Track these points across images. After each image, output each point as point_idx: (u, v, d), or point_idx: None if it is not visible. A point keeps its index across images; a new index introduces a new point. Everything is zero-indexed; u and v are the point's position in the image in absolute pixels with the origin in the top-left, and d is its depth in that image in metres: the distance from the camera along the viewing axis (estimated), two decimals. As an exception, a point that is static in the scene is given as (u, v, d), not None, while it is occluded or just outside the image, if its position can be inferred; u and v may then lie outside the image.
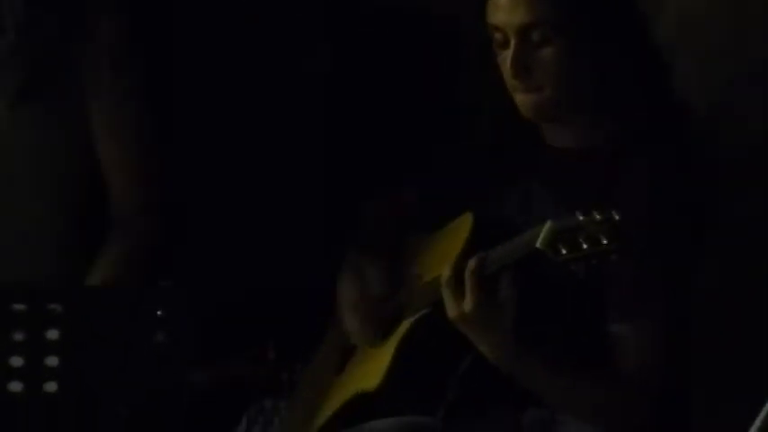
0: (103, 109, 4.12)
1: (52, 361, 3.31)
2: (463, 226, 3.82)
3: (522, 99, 3.75)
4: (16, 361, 3.30)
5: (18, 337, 3.30)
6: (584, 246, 3.40)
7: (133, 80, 4.15)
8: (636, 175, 3.72)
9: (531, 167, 3.86)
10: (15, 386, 3.30)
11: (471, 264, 3.56)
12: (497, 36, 3.74)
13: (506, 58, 3.74)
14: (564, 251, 3.42)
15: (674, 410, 3.76)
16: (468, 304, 3.56)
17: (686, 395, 3.81)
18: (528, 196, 3.83)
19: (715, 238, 3.83)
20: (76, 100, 4.13)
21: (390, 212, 4.11)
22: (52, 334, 3.30)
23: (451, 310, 3.58)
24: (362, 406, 3.83)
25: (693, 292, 3.77)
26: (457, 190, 3.96)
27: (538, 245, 3.44)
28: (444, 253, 3.80)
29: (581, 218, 3.40)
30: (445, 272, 3.61)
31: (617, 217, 3.38)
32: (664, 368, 3.67)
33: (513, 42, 3.72)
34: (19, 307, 3.32)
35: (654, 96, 3.83)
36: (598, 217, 3.39)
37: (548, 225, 3.45)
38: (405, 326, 3.79)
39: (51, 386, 3.31)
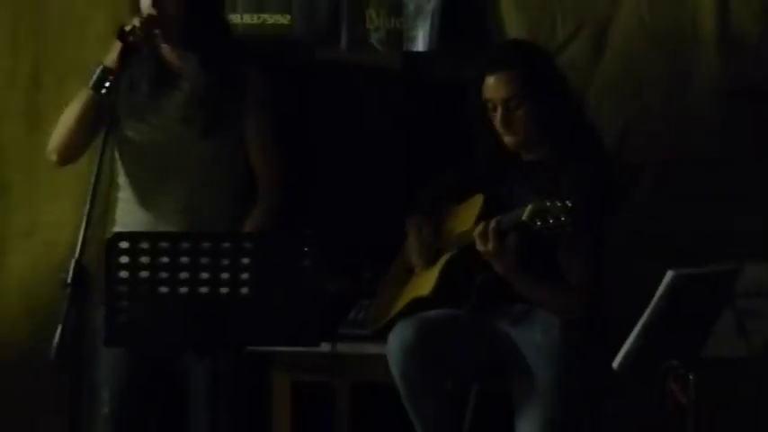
0: (251, 131, 3.98)
1: (245, 275, 3.41)
2: (477, 201, 3.92)
3: (508, 139, 3.85)
4: (224, 275, 3.41)
5: (225, 262, 3.41)
6: (551, 221, 3.58)
7: (270, 115, 4.01)
8: (571, 175, 3.76)
9: (514, 172, 3.92)
10: (224, 290, 3.40)
11: (493, 223, 3.70)
12: (489, 104, 3.84)
13: (496, 118, 3.83)
14: (539, 223, 3.59)
15: (599, 307, 3.83)
16: (490, 245, 3.70)
17: (606, 298, 3.84)
18: (511, 188, 3.89)
19: (622, 213, 3.88)
20: (236, 128, 3.97)
21: (438, 193, 4.09)
22: (246, 259, 3.40)
23: (481, 248, 3.71)
24: (419, 305, 3.92)
25: (606, 244, 3.85)
26: (474, 183, 3.98)
27: (524, 218, 3.61)
28: (467, 217, 3.91)
29: (548, 203, 3.58)
30: (479, 228, 3.72)
31: (570, 204, 3.54)
32: (592, 283, 3.77)
33: (499, 108, 3.82)
34: (226, 244, 3.43)
35: (577, 131, 3.88)
36: (559, 204, 3.56)
37: (529, 207, 3.61)
38: (444, 258, 3.91)
39: (245, 290, 3.41)
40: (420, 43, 4.44)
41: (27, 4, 4.56)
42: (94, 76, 3.82)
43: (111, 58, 3.80)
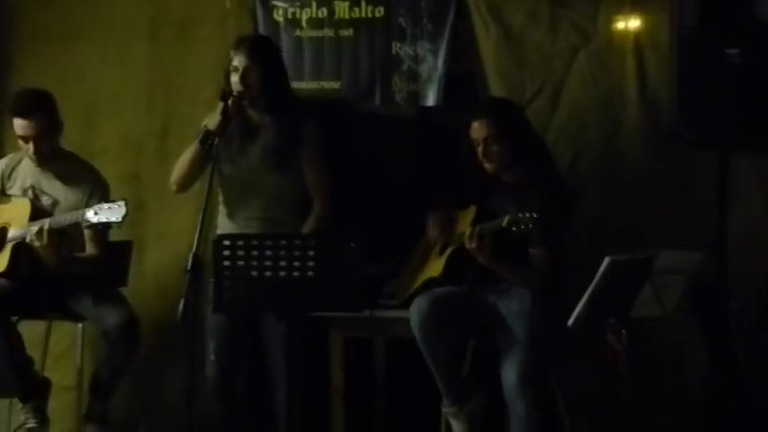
0: (307, 165, 3.89)
1: (311, 263, 3.41)
2: (471, 210, 3.93)
3: (487, 166, 3.85)
4: (296, 263, 3.40)
5: (297, 254, 3.41)
6: (522, 227, 3.59)
7: (321, 153, 3.92)
8: (536, 194, 3.74)
9: (497, 190, 3.90)
10: (296, 273, 3.38)
11: (477, 229, 3.73)
12: (474, 142, 3.85)
13: (479, 152, 3.84)
14: (514, 228, 3.60)
15: (558, 284, 3.81)
16: (473, 244, 3.72)
17: (563, 277, 3.83)
18: (497, 200, 3.87)
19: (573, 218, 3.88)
20: (297, 164, 3.88)
21: (443, 202, 4.04)
22: (311, 252, 3.38)
23: (467, 246, 3.74)
24: (431, 283, 3.93)
25: (562, 239, 3.84)
26: (469, 197, 3.96)
27: (504, 225, 3.64)
28: (464, 222, 3.93)
29: (521, 215, 3.60)
30: (467, 232, 3.75)
31: (535, 215, 3.57)
32: (550, 267, 3.77)
33: (480, 145, 3.83)
34: (297, 242, 3.41)
35: (539, 158, 3.88)
36: (528, 215, 3.59)
37: (507, 217, 3.63)
38: (449, 250, 3.92)
39: (311, 273, 3.41)
40: (431, 100, 4.43)
41: (159, 75, 4.56)
42: (201, 135, 3.81)
43: (214, 122, 3.78)
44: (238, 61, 3.84)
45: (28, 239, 3.92)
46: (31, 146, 4.03)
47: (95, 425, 3.98)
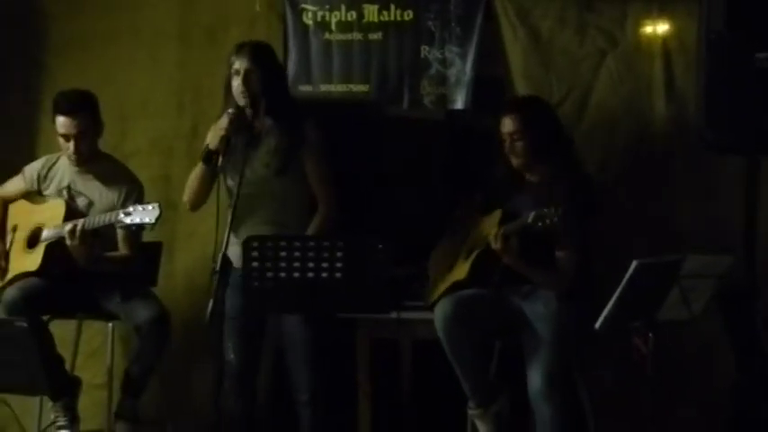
0: (309, 165, 3.83)
1: (339, 264, 3.41)
2: (497, 214, 3.91)
3: (514, 161, 3.88)
4: (324, 265, 3.41)
5: (325, 255, 3.42)
6: (547, 221, 3.61)
7: (323, 154, 3.86)
8: (562, 191, 3.76)
9: (520, 190, 3.91)
10: (324, 275, 3.41)
11: (501, 230, 3.76)
12: (502, 137, 3.88)
13: (506, 147, 3.88)
14: (539, 224, 3.62)
15: (585, 286, 3.80)
16: (499, 245, 3.74)
17: (591, 279, 3.82)
18: (521, 201, 3.86)
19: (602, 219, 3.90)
20: (300, 167, 3.82)
21: (470, 206, 4.06)
22: (339, 253, 3.43)
23: (494, 246, 3.76)
24: (458, 286, 3.91)
25: (589, 240, 3.83)
26: (494, 200, 3.95)
27: (529, 221, 3.65)
28: (489, 225, 3.91)
29: (545, 210, 3.62)
30: (492, 233, 3.77)
31: (559, 209, 3.59)
32: (576, 269, 3.77)
33: (507, 140, 3.87)
34: (326, 244, 3.45)
35: (565, 158, 3.88)
36: (552, 210, 3.61)
37: (533, 213, 3.64)
38: (475, 253, 3.90)
39: (338, 275, 3.43)
40: (459, 103, 4.42)
41: (189, 79, 4.57)
42: (204, 155, 3.80)
43: (215, 141, 3.77)
44: (240, 64, 3.81)
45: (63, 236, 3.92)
46: (71, 145, 4.05)
47: (126, 423, 4.00)
